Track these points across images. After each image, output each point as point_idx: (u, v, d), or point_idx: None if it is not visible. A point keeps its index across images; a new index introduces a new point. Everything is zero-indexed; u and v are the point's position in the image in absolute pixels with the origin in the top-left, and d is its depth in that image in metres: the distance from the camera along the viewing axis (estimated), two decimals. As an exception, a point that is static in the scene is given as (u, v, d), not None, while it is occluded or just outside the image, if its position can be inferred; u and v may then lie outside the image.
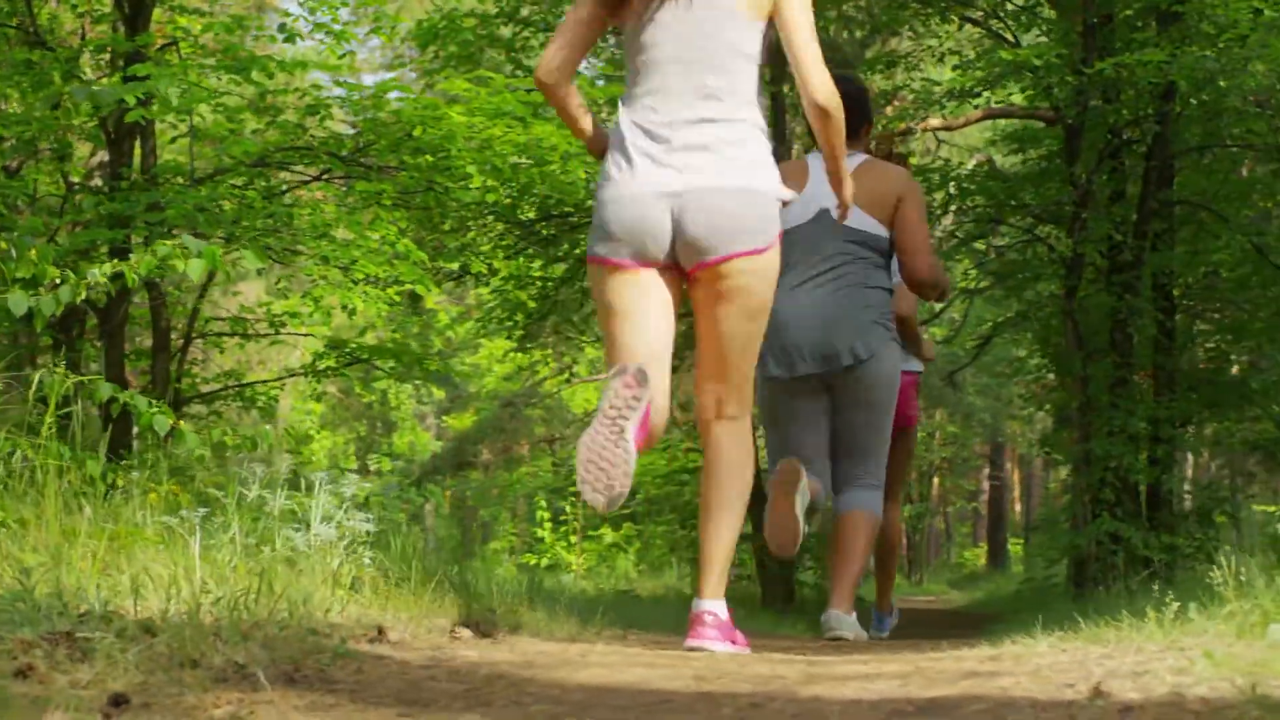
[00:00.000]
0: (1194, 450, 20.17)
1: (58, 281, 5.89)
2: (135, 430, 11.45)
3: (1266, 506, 20.06)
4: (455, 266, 17.46)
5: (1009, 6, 16.97)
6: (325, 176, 13.43)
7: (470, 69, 16.35)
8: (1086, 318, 15.90)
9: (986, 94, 16.78)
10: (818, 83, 5.36)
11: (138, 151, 12.74)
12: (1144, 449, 15.23)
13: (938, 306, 18.85)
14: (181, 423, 5.90)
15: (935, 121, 21.16)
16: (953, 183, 17.68)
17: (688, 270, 5.38)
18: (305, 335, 15.57)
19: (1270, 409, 18.00)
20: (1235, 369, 19.69)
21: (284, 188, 13.46)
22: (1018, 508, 51.67)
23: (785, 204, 5.40)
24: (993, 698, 3.07)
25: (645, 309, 5.36)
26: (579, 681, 3.77)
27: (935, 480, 47.19)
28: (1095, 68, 14.01)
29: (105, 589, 4.49)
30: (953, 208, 17.90)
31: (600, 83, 16.86)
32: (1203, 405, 18.03)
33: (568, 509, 29.56)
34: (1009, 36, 16.77)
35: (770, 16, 5.35)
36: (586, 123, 5.54)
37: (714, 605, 5.37)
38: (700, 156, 5.26)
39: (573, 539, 29.82)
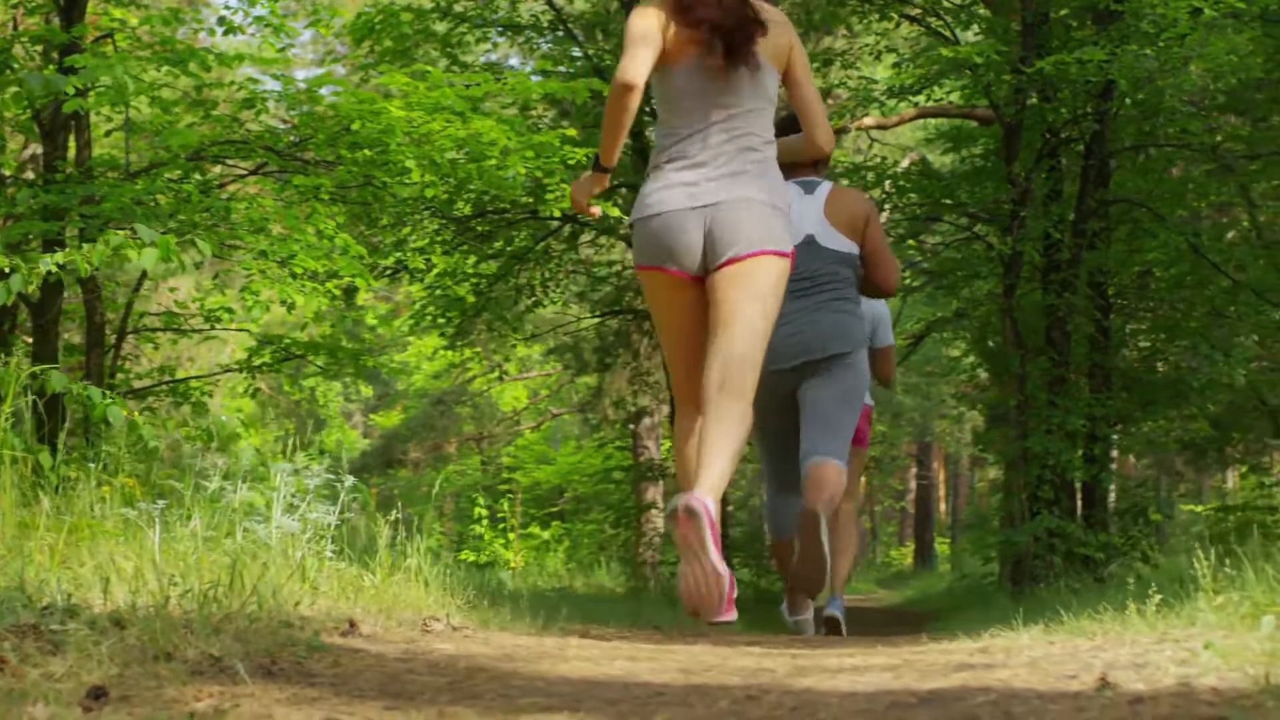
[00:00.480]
0: (1129, 449, 20.24)
1: (7, 271, 5.78)
2: (68, 423, 11.28)
3: (1194, 506, 20.17)
4: (390, 262, 17.38)
5: (946, 4, 16.97)
6: (262, 171, 13.30)
7: (405, 64, 16.27)
8: (1024, 316, 15.94)
9: (927, 92, 16.78)
10: (827, 133, 6.37)
11: (72, 144, 12.59)
12: (1080, 447, 15.28)
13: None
14: (136, 414, 5.81)
15: (869, 120, 21.20)
16: (888, 180, 17.70)
17: (715, 268, 5.94)
18: (240, 331, 15.42)
19: (1205, 407, 18.10)
20: (1168, 368, 19.78)
21: (220, 181, 13.33)
22: (943, 507, 51.85)
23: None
24: (995, 689, 3.02)
25: (692, 315, 6.07)
26: (562, 674, 3.71)
27: (862, 479, 47.22)
28: (1036, 66, 14.04)
29: (66, 581, 4.41)
30: (888, 206, 17.91)
31: (536, 78, 16.81)
32: (1138, 404, 18.12)
33: (498, 506, 29.50)
34: (948, 34, 16.77)
35: (786, 68, 6.14)
36: (624, 136, 6.20)
37: (702, 497, 5.48)
38: (732, 180, 5.94)
39: (511, 536, 29.76)
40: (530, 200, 16.76)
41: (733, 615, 5.50)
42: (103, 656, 3.45)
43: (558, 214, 15.18)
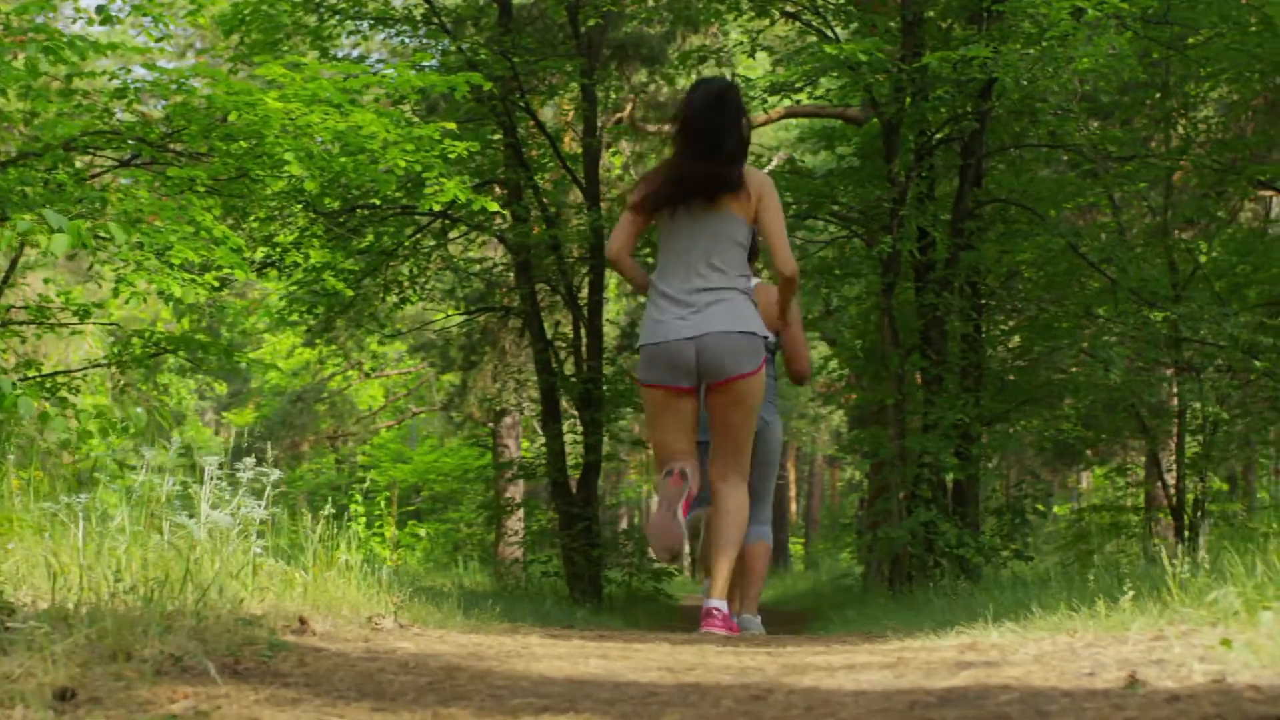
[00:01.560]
0: (1001, 448, 20.36)
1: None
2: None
3: (1064, 508, 20.30)
4: (259, 256, 17.15)
5: (821, 2, 16.93)
6: (136, 162, 13.02)
7: (275, 57, 16.02)
8: (900, 315, 15.97)
9: (803, 91, 16.75)
10: (786, 261, 7.67)
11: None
12: (954, 445, 15.34)
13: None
14: (46, 405, 5.60)
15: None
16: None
17: (708, 386, 7.63)
18: (113, 325, 15.12)
19: (1076, 407, 18.22)
20: (1042, 368, 19.92)
21: (92, 172, 13.04)
22: (794, 507, 52.07)
23: (768, 340, 7.84)
24: (1015, 687, 2.93)
25: (682, 419, 7.72)
26: (541, 673, 3.58)
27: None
28: (921, 61, 14.07)
29: (-4, 578, 4.24)
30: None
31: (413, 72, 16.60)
32: (1010, 403, 18.23)
33: (372, 506, 29.25)
34: (828, 31, 16.74)
35: (754, 218, 7.59)
36: (642, 276, 7.97)
37: (720, 604, 7.61)
38: (712, 311, 7.52)
39: (388, 534, 29.52)
40: (401, 195, 16.58)
41: (682, 545, 7.49)
42: (58, 656, 3.29)
43: (437, 208, 14.99)
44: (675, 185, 7.66)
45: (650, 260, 15.48)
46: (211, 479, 5.19)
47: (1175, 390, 19.25)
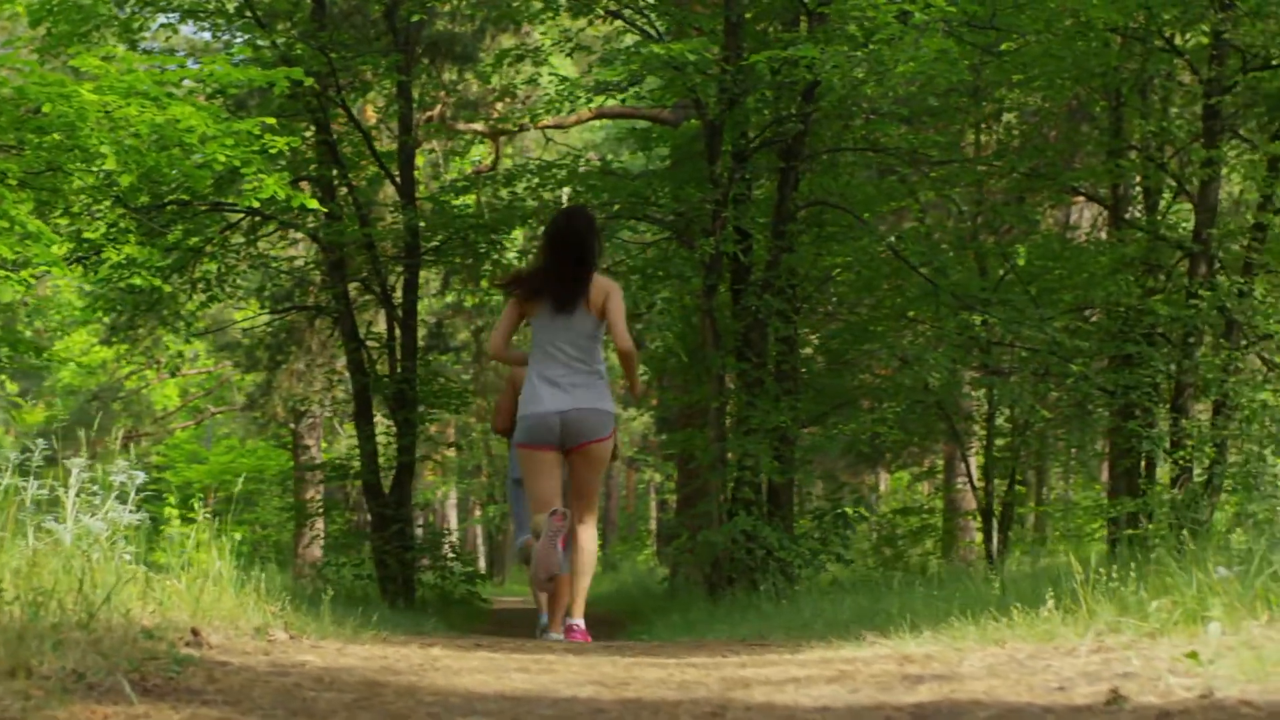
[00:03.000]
0: (821, 450, 20.46)
1: None
2: None
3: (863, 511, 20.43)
4: (64, 252, 16.75)
5: (644, 2, 16.85)
6: (-60, 156, 12.64)
7: (86, 48, 15.65)
8: (721, 317, 15.94)
9: (634, 89, 16.69)
10: (625, 342, 9.22)
11: None
12: (774, 448, 15.34)
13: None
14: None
15: (548, 120, 21.07)
16: (577, 181, 17.62)
17: (569, 449, 9.31)
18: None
19: (896, 409, 18.34)
20: (861, 371, 20.05)
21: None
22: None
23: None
24: (988, 703, 2.83)
25: (552, 472, 9.38)
26: (469, 688, 3.43)
27: (513, 482, 47.09)
28: (749, 60, 14.06)
29: None
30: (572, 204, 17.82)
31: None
32: (826, 405, 18.30)
33: (166, 509, 28.72)
34: (652, 31, 16.66)
35: (603, 313, 9.15)
36: (521, 358, 9.81)
37: (579, 621, 9.43)
38: (576, 392, 9.22)
39: (203, 538, 28.98)
40: (211, 191, 16.29)
41: (550, 587, 9.70)
42: (-51, 672, 3.11)
43: (256, 204, 14.72)
44: (545, 293, 9.31)
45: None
46: (79, 482, 4.97)
47: (984, 394, 19.46)
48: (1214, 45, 16.38)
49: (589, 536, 9.54)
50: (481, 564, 44.67)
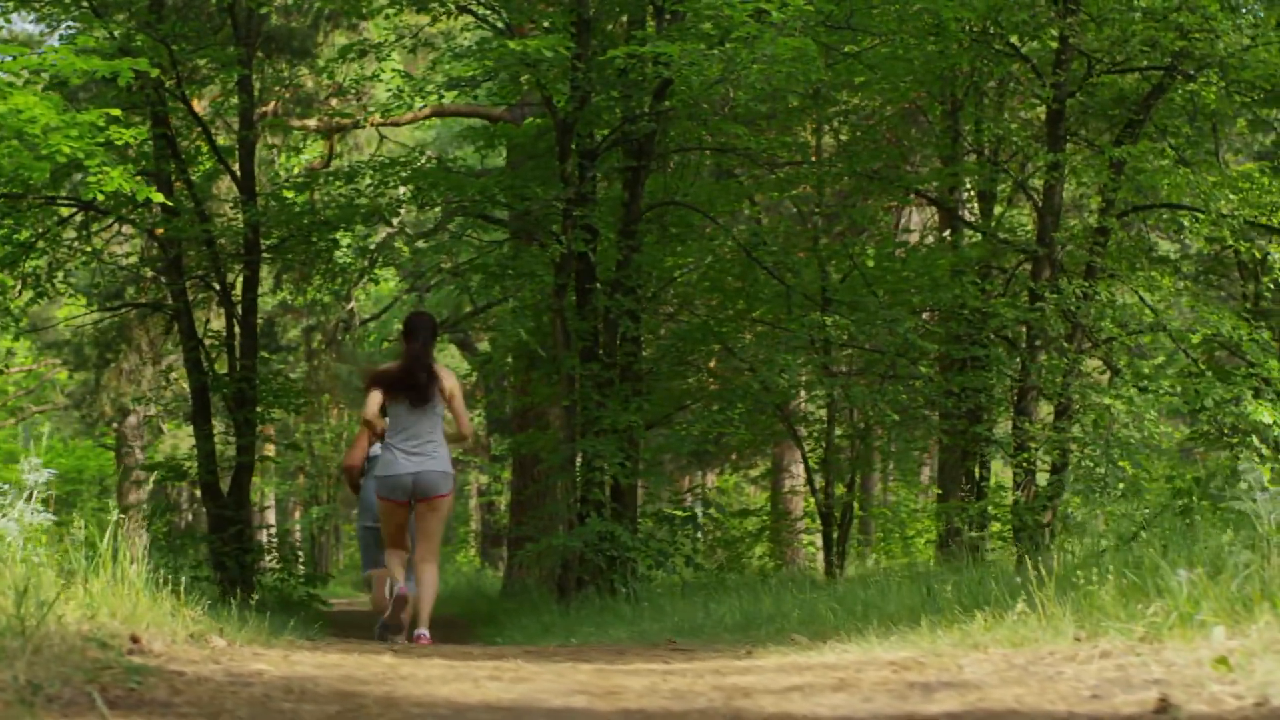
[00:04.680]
0: (670, 450, 20.45)
1: None
2: None
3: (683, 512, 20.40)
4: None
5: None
6: None
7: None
8: (570, 317, 15.82)
9: (487, 84, 16.52)
10: (466, 428, 11.57)
11: None
12: (622, 449, 15.27)
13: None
14: None
15: (378, 117, 20.86)
16: (420, 179, 17.46)
17: (418, 501, 11.11)
18: None
19: (740, 409, 18.31)
20: (703, 372, 20.03)
21: None
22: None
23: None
24: (1029, 714, 2.73)
25: (401, 522, 11.28)
26: (449, 698, 3.28)
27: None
28: (607, 55, 13.98)
29: None
30: (412, 203, 17.70)
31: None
32: (671, 406, 18.26)
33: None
34: (499, 25, 16.47)
35: (449, 400, 11.13)
36: (383, 427, 11.36)
37: (425, 631, 10.90)
38: (425, 457, 11.03)
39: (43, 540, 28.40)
40: (45, 185, 15.92)
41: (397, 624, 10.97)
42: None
43: (101, 198, 14.40)
44: (403, 394, 11.12)
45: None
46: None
47: (824, 396, 19.48)
48: (1060, 50, 16.51)
49: (432, 571, 11.29)
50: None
